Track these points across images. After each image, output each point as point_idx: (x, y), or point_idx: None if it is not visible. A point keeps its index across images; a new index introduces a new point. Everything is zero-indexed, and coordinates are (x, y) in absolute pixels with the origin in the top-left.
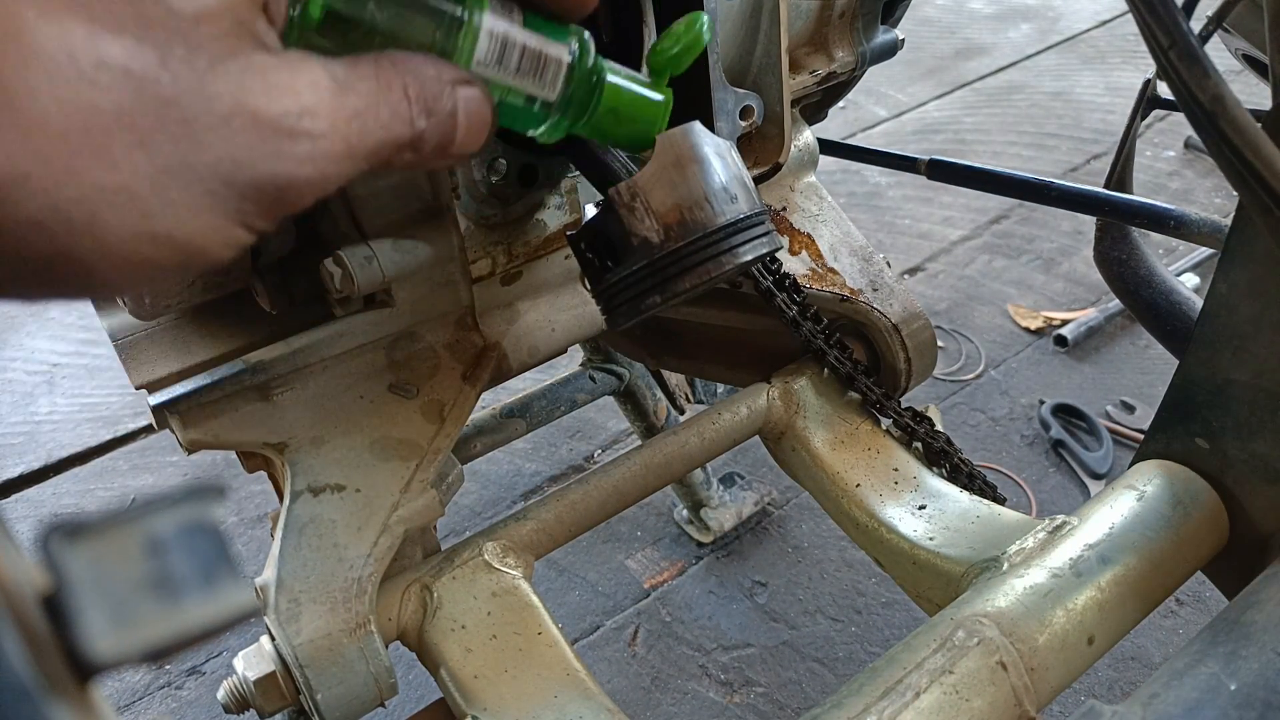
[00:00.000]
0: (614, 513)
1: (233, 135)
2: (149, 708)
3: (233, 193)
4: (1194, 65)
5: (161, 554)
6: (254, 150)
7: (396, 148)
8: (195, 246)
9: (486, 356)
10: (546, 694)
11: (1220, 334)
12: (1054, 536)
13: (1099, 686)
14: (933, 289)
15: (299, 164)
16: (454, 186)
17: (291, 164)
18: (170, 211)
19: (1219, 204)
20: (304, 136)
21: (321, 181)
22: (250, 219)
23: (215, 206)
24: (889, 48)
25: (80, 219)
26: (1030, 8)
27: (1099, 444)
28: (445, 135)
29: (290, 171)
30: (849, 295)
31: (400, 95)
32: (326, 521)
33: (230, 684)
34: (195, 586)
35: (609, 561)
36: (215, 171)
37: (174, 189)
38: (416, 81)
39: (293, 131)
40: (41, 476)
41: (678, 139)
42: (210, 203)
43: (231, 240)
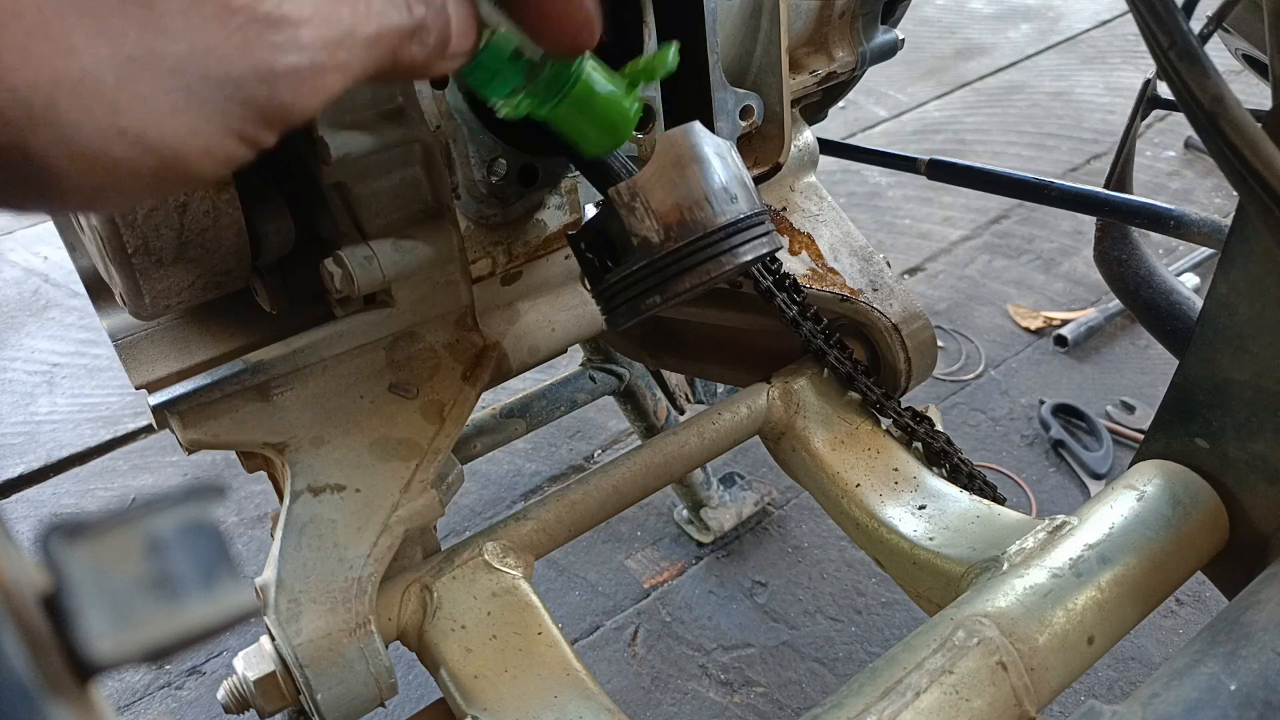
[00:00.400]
0: (614, 513)
1: (203, 21)
2: (149, 708)
3: (212, 89)
4: (1194, 65)
5: (161, 554)
6: (228, 39)
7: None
8: (171, 150)
9: (486, 356)
10: (546, 694)
11: (1220, 334)
12: (1054, 536)
13: (1099, 686)
14: (933, 289)
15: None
16: (454, 186)
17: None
18: (141, 107)
19: (1219, 204)
20: (284, 23)
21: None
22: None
23: (194, 107)
24: (889, 48)
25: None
26: (1030, 8)
27: (1099, 444)
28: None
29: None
30: (849, 295)
31: None
32: (326, 521)
33: (230, 684)
34: (195, 586)
35: (609, 561)
36: (188, 64)
37: (142, 81)
38: None
39: (269, 18)
40: (41, 476)
41: (678, 139)
42: (187, 101)
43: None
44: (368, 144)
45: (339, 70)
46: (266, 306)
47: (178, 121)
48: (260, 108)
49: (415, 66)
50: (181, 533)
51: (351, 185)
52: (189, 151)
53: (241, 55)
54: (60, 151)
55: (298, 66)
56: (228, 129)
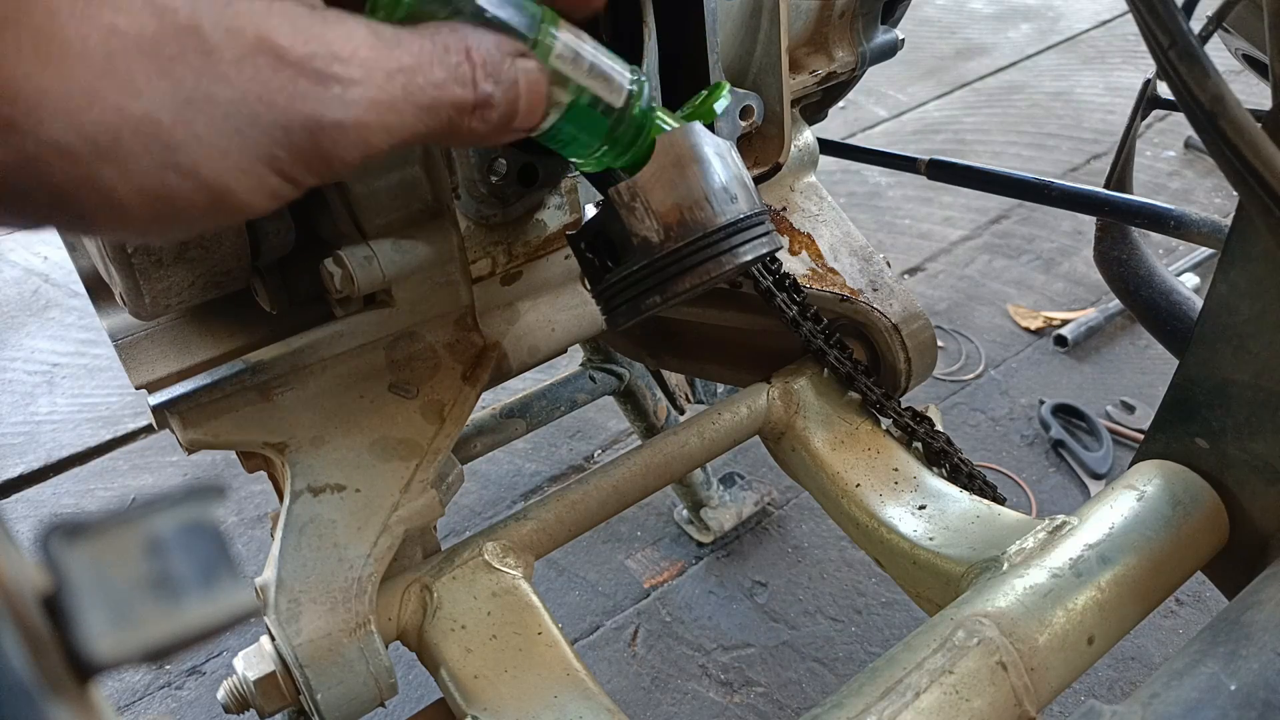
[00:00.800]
0: (614, 513)
1: (256, 71)
2: (149, 708)
3: (262, 134)
4: (1194, 65)
5: (161, 554)
6: (279, 90)
7: (458, 110)
8: (223, 186)
9: (486, 356)
10: (546, 694)
11: (1220, 334)
12: (1054, 536)
13: (1099, 686)
14: (933, 289)
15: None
16: (454, 186)
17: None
18: (195, 145)
19: (1219, 204)
20: (333, 80)
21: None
22: (286, 167)
23: (245, 147)
24: (889, 48)
25: (104, 143)
26: (1030, 8)
27: (1099, 444)
28: (511, 104)
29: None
30: (849, 295)
31: (461, 58)
32: (326, 521)
33: (230, 684)
34: (195, 586)
35: (609, 561)
36: (240, 108)
37: (198, 122)
38: (480, 49)
39: (320, 75)
40: (41, 476)
41: (678, 139)
42: (239, 142)
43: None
44: None
45: (385, 131)
46: (266, 306)
47: (228, 160)
48: (304, 154)
49: (474, 138)
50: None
51: (351, 185)
52: (237, 188)
53: (289, 105)
54: (124, 185)
55: (342, 121)
56: (273, 169)
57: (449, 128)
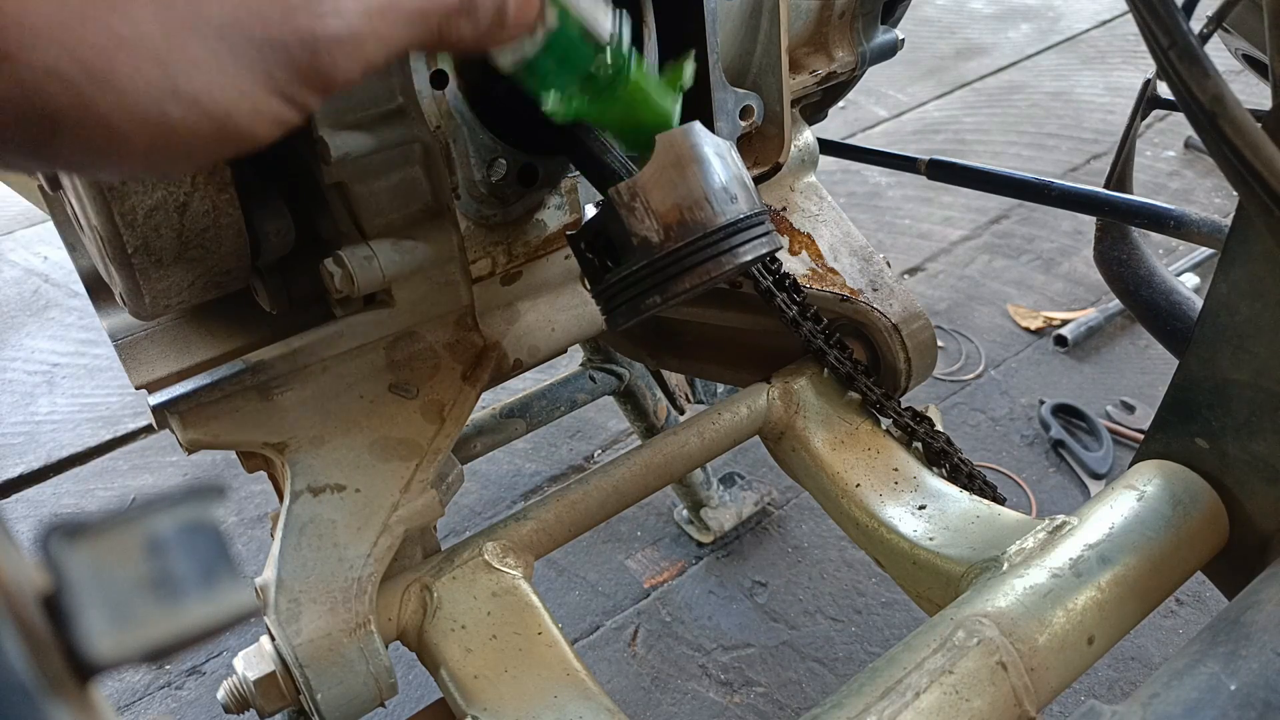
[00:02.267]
0: (614, 513)
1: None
2: (149, 708)
3: (257, 53)
4: (1194, 65)
5: (161, 554)
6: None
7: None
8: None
9: (486, 356)
10: (546, 694)
11: (1220, 334)
12: (1054, 536)
13: (1099, 686)
14: (933, 289)
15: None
16: (454, 186)
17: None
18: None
19: (1219, 204)
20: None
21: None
22: (286, 87)
23: (241, 69)
24: (889, 48)
25: (98, 68)
26: (1030, 8)
27: (1099, 444)
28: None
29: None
30: (849, 295)
31: None
32: (326, 521)
33: (230, 684)
34: (195, 586)
35: (609, 561)
36: (233, 27)
37: (191, 43)
38: None
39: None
40: (41, 476)
41: (678, 139)
42: (234, 63)
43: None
44: (368, 144)
45: (379, 40)
46: (266, 306)
47: (226, 83)
48: (303, 71)
49: (464, 42)
50: (181, 533)
51: (351, 185)
52: (239, 112)
53: (284, 20)
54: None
55: (338, 33)
56: (274, 90)
57: (439, 34)
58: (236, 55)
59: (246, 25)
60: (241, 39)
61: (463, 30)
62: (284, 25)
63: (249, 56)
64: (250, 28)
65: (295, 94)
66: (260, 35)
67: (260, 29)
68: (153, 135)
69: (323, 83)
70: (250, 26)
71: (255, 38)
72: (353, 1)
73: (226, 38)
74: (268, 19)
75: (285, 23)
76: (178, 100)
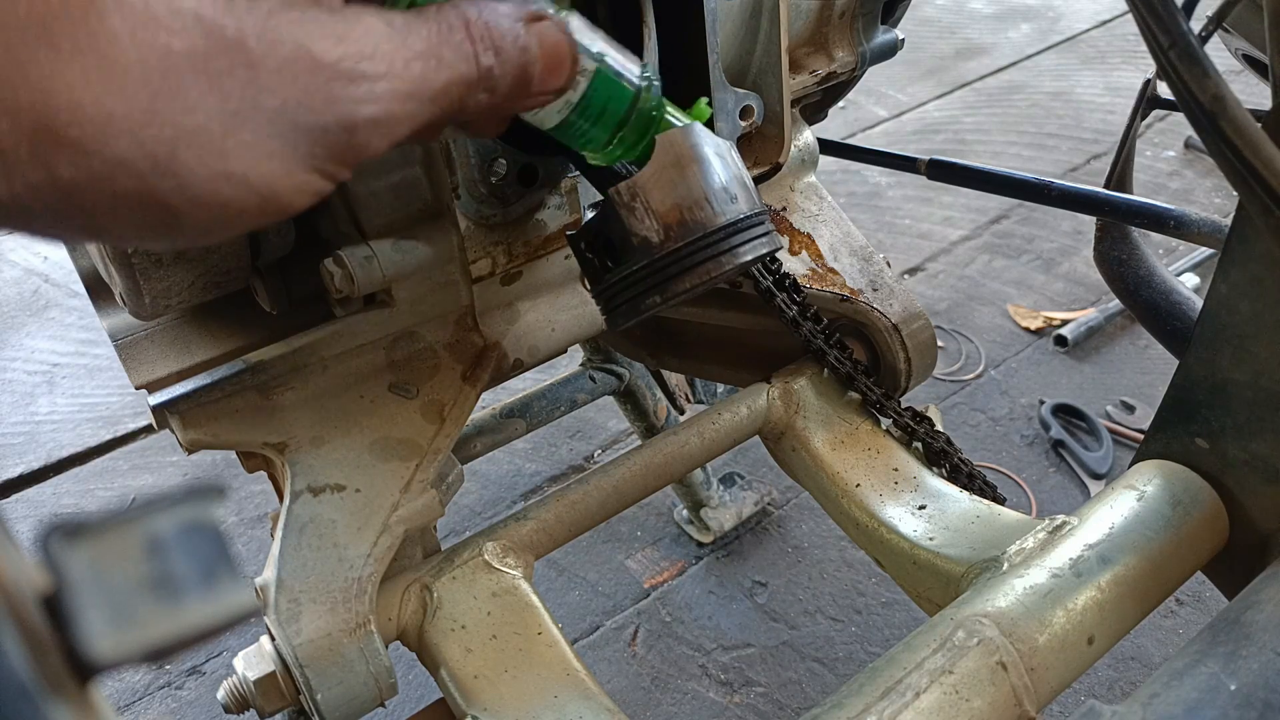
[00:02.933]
0: (614, 513)
1: (295, 79)
2: (149, 708)
3: (301, 136)
4: (1194, 65)
5: (161, 554)
6: (316, 93)
7: (466, 87)
8: (269, 189)
9: (486, 356)
10: (546, 694)
11: (1220, 334)
12: (1054, 536)
13: (1099, 686)
14: (933, 289)
15: (359, 105)
16: (454, 186)
17: (351, 106)
18: (244, 153)
19: (1219, 204)
20: (362, 79)
21: (388, 122)
22: (323, 164)
23: (285, 151)
24: (889, 48)
25: (163, 157)
26: (1030, 8)
27: (1099, 444)
28: (519, 71)
29: (351, 113)
30: (849, 295)
31: (462, 35)
32: (326, 521)
33: (230, 684)
34: (195, 586)
35: (609, 561)
36: (282, 114)
37: (245, 130)
38: (481, 20)
39: (351, 74)
40: (41, 476)
41: (678, 139)
42: (280, 146)
43: (305, 185)
44: None
45: (408, 119)
46: (266, 306)
47: (274, 164)
48: (340, 150)
49: (484, 111)
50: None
51: (351, 185)
52: (282, 188)
53: (327, 107)
54: (180, 196)
55: (374, 116)
56: (314, 168)
57: (460, 106)
58: (284, 139)
59: (293, 113)
60: (288, 125)
61: (480, 100)
62: (326, 112)
63: (294, 140)
64: (296, 115)
65: (331, 169)
66: (305, 121)
67: (305, 115)
68: (205, 213)
69: (355, 158)
70: (296, 114)
71: (300, 123)
72: (385, 86)
73: (275, 123)
74: (312, 106)
75: (328, 110)
76: (230, 181)
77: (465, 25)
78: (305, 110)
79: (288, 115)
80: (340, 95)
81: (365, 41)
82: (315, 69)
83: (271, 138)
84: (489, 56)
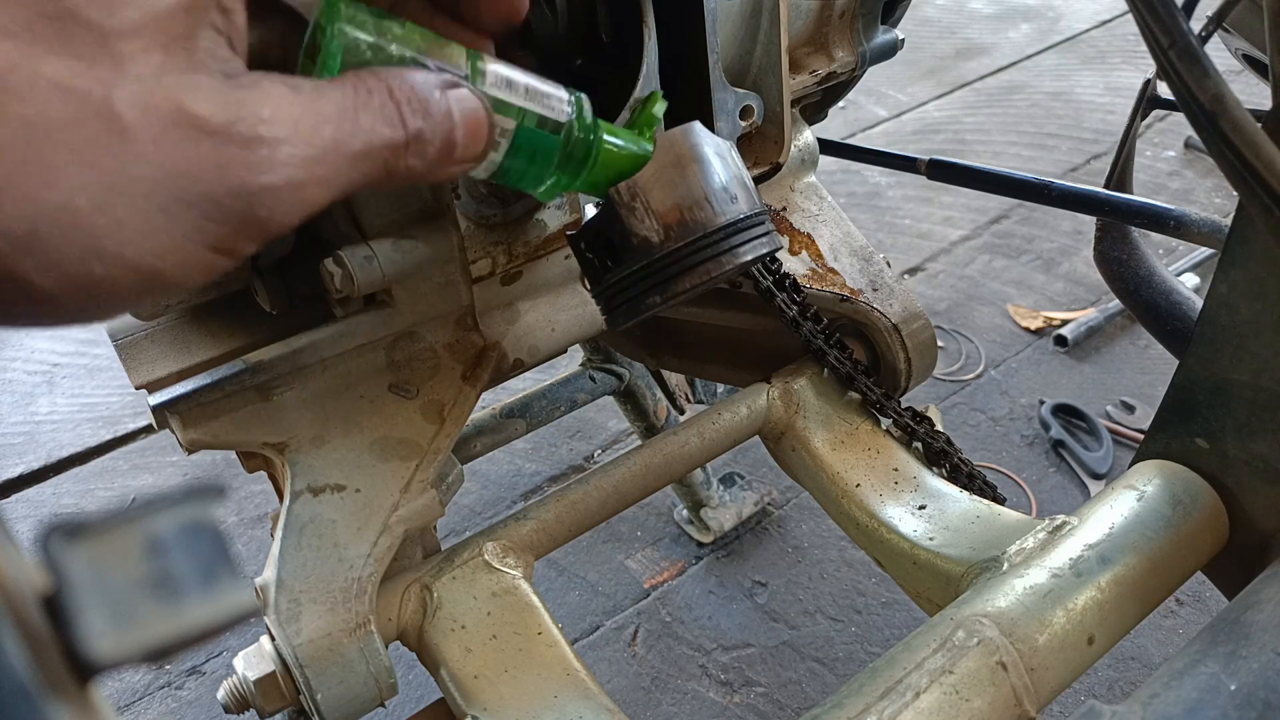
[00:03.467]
0: (614, 513)
1: (176, 146)
2: (149, 708)
3: (187, 209)
4: (1194, 65)
5: (161, 554)
6: (202, 161)
7: (392, 151)
8: (150, 268)
9: (486, 356)
10: (546, 694)
11: (1220, 334)
12: (1054, 536)
13: (1099, 686)
14: (933, 289)
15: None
16: (454, 186)
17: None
18: (117, 229)
19: (1219, 204)
20: (259, 144)
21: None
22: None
23: (169, 226)
24: (889, 48)
25: (19, 235)
26: (1030, 8)
27: (1099, 444)
28: (446, 137)
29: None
30: (849, 295)
31: (385, 99)
32: (326, 521)
33: (230, 684)
34: (195, 586)
35: (609, 561)
36: (162, 186)
37: (119, 206)
38: (404, 86)
39: (244, 139)
40: (41, 476)
41: (678, 139)
42: (162, 221)
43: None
44: None
45: (321, 184)
46: (266, 306)
47: (155, 241)
48: (239, 223)
49: (414, 176)
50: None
51: None
52: (166, 267)
53: (217, 175)
54: (45, 275)
55: (273, 184)
56: (204, 244)
57: (386, 170)
58: (166, 212)
59: (176, 183)
60: (171, 198)
61: (412, 165)
62: (217, 181)
63: (178, 213)
64: (180, 185)
65: (229, 244)
66: (191, 192)
67: (191, 185)
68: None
69: (259, 232)
70: (180, 184)
71: (185, 195)
72: (289, 151)
73: (155, 196)
74: (199, 175)
75: (218, 179)
76: (102, 259)
77: (387, 90)
78: (190, 180)
79: (169, 187)
80: (232, 162)
81: (263, 105)
82: (201, 135)
83: (150, 212)
84: (417, 120)
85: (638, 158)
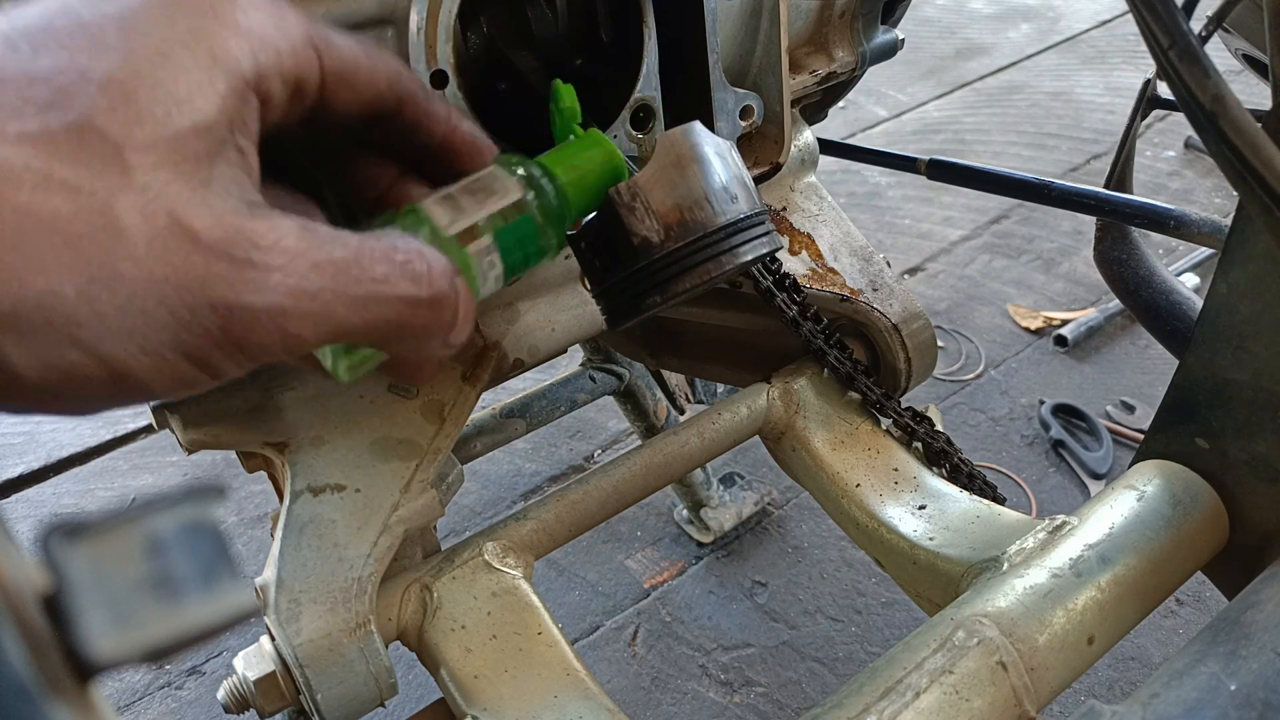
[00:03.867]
0: (614, 513)
1: (166, 253)
2: (149, 708)
3: (168, 315)
4: (1194, 65)
5: (161, 554)
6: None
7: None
8: (124, 366)
9: (486, 356)
10: (546, 694)
11: (1220, 334)
12: (1054, 536)
13: (1099, 686)
14: (933, 289)
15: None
16: None
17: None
18: (98, 323)
19: (1219, 204)
20: (249, 265)
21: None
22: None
23: (148, 328)
24: (889, 48)
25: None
26: (1030, 8)
27: (1099, 444)
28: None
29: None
30: (849, 295)
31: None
32: (326, 521)
33: (230, 684)
34: (195, 586)
35: (609, 561)
36: (147, 288)
37: (102, 299)
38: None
39: (235, 259)
40: (41, 476)
41: (678, 139)
42: (143, 322)
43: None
44: None
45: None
46: None
47: (131, 341)
48: (215, 339)
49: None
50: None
51: None
52: (137, 368)
53: (200, 287)
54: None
55: (253, 304)
56: (179, 352)
57: (397, 324)
58: (146, 314)
59: (160, 288)
60: (153, 300)
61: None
62: (198, 292)
63: (158, 316)
64: (163, 291)
65: (204, 357)
66: (173, 299)
67: (172, 294)
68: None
69: (236, 351)
70: (163, 289)
71: (167, 300)
72: (279, 279)
73: (138, 297)
74: (181, 284)
75: (200, 290)
76: (80, 349)
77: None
78: (172, 287)
79: (153, 290)
80: (218, 276)
81: (264, 234)
82: (193, 247)
83: (131, 312)
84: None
85: (601, 159)
